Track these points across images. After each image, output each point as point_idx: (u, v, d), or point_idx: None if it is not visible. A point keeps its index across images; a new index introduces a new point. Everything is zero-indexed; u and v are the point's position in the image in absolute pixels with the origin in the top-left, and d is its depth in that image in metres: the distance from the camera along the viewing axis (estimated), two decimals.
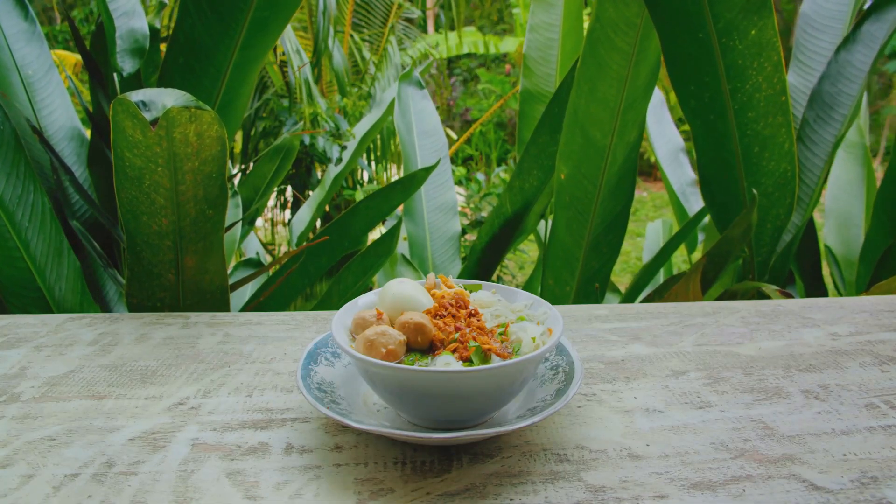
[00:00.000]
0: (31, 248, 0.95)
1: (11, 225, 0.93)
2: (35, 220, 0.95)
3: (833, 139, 1.29)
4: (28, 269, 0.96)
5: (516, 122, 1.90)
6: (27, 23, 1.20)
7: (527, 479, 0.47)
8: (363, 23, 4.17)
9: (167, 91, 0.74)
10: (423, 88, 1.95)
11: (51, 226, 0.97)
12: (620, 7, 1.15)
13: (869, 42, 1.27)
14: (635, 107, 1.23)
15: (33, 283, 0.97)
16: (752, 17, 1.07)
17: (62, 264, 0.99)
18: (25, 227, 0.94)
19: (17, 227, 0.93)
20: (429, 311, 0.53)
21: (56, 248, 0.98)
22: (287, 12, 1.05)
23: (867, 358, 0.65)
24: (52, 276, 0.98)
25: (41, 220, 0.96)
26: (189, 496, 0.45)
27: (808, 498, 0.44)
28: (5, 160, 0.92)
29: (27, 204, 0.94)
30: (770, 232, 1.24)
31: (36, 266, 0.96)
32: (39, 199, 0.95)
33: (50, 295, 0.99)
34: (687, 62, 1.12)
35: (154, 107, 0.72)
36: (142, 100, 0.72)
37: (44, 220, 0.96)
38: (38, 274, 0.97)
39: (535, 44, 1.81)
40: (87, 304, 1.03)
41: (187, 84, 1.07)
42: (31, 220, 0.95)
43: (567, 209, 1.31)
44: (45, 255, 0.97)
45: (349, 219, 1.34)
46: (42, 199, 0.96)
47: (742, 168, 1.18)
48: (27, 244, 0.95)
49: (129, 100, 0.70)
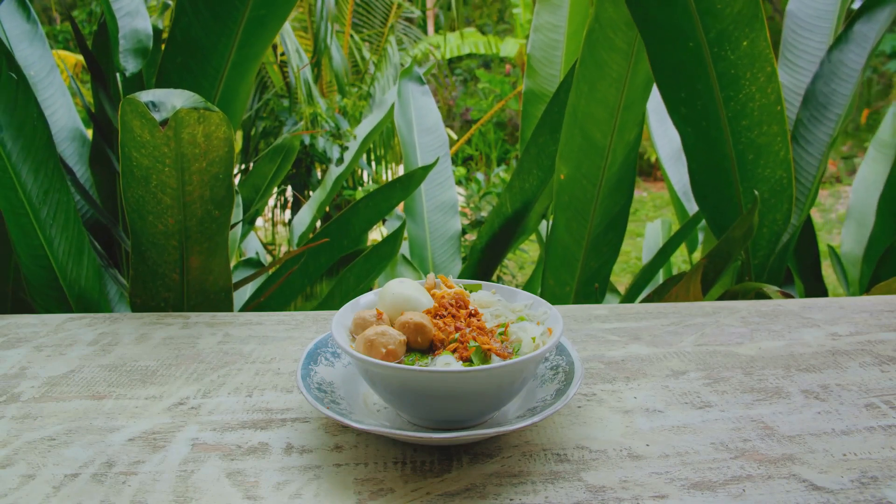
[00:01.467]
0: (53, 246, 0.96)
1: (37, 221, 0.93)
2: (59, 217, 0.96)
3: (828, 139, 1.29)
4: (50, 267, 0.96)
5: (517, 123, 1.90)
6: (29, 24, 1.20)
7: (527, 479, 0.47)
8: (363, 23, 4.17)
9: (177, 92, 0.74)
10: (423, 84, 1.94)
11: (74, 224, 0.97)
12: (620, 7, 1.15)
13: (861, 42, 1.27)
14: (634, 106, 1.23)
15: (55, 282, 0.97)
16: (744, 29, 1.07)
17: (82, 262, 1.00)
18: (50, 224, 0.94)
19: (41, 224, 0.94)
20: (429, 311, 0.53)
21: (77, 247, 0.98)
22: (284, 10, 1.05)
23: (867, 358, 0.65)
24: (72, 274, 0.98)
25: (65, 219, 0.96)
26: (189, 496, 0.45)
27: (808, 498, 0.44)
28: (36, 157, 0.92)
29: (52, 202, 0.94)
30: (767, 236, 1.24)
31: (58, 264, 0.97)
32: (64, 197, 0.96)
33: (70, 292, 0.99)
34: (677, 70, 1.12)
35: (164, 107, 0.72)
36: (151, 100, 0.72)
37: (67, 218, 0.96)
38: (59, 271, 0.97)
39: (539, 44, 1.81)
40: (103, 303, 1.04)
41: (185, 84, 1.07)
42: (56, 218, 0.95)
43: (567, 209, 1.31)
44: (67, 253, 0.97)
45: (349, 218, 1.34)
46: (67, 197, 0.96)
47: (737, 174, 1.18)
48: (50, 242, 0.95)
49: (138, 100, 0.70)
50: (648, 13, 1.07)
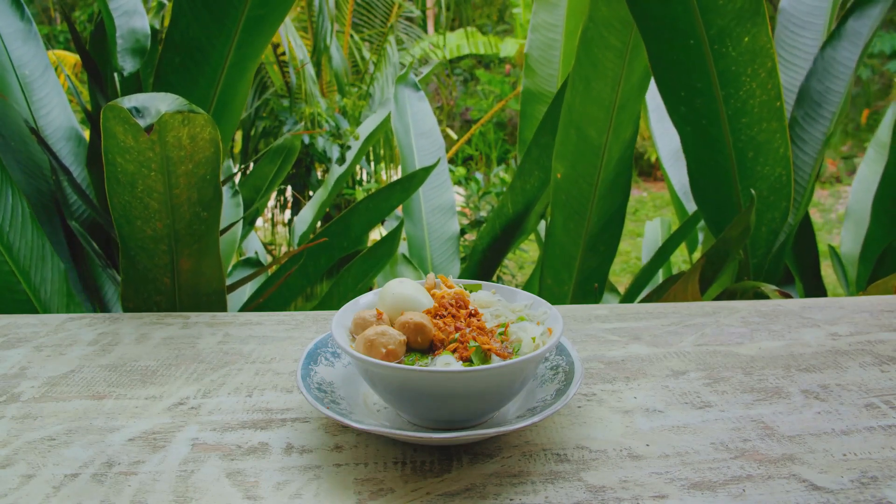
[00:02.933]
0: (13, 252, 0.95)
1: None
2: (15, 223, 0.95)
3: (823, 136, 1.29)
4: (12, 272, 0.96)
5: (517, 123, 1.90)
6: (23, 22, 1.20)
7: (527, 479, 0.47)
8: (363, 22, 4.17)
9: (160, 96, 0.74)
10: (419, 90, 1.95)
11: (32, 229, 0.96)
12: (614, 5, 1.15)
13: (854, 39, 1.27)
14: (630, 105, 1.23)
15: (18, 286, 0.97)
16: (746, 25, 1.06)
17: (45, 268, 0.99)
18: (7, 230, 0.94)
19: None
20: (429, 311, 0.53)
21: (39, 252, 0.98)
22: (282, 10, 1.04)
23: (867, 358, 0.65)
24: (36, 279, 0.98)
25: (21, 224, 0.95)
26: (189, 496, 0.45)
27: (808, 498, 0.44)
28: None
29: (6, 207, 0.94)
30: (765, 235, 1.24)
31: (20, 269, 0.96)
32: (18, 202, 0.95)
33: (36, 298, 0.98)
34: (677, 68, 1.11)
35: (147, 113, 0.71)
36: (135, 106, 0.71)
37: (24, 223, 0.96)
38: (22, 277, 0.96)
39: (538, 44, 1.81)
40: (73, 307, 1.03)
41: (183, 84, 1.06)
42: (12, 224, 0.94)
43: (564, 208, 1.31)
44: (28, 258, 0.97)
45: (348, 219, 1.34)
46: (21, 202, 0.95)
47: (736, 172, 1.18)
48: (10, 247, 0.94)
49: (119, 105, 0.70)
50: (648, 11, 1.07)
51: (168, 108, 0.71)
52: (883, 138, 1.72)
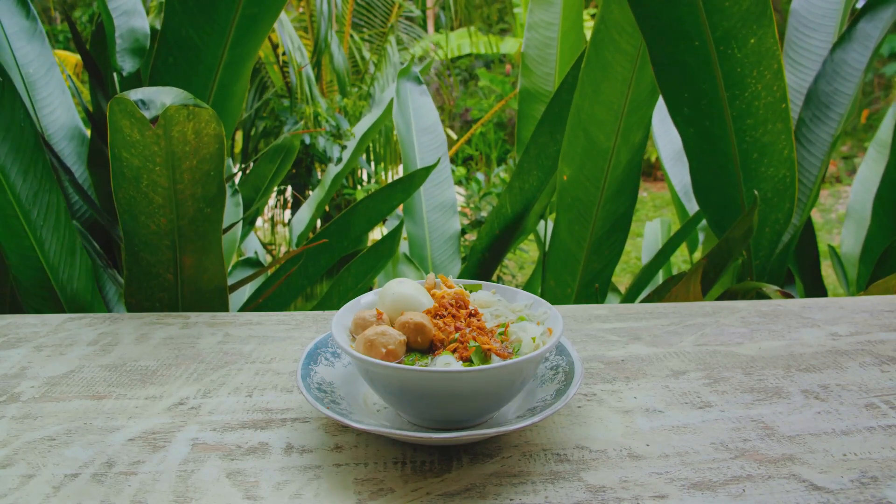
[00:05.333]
0: (45, 247, 0.95)
1: (27, 223, 0.93)
2: (50, 218, 0.95)
3: (830, 138, 1.29)
4: (42, 268, 0.96)
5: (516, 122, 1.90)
6: (28, 21, 1.20)
7: (527, 479, 0.47)
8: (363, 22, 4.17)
9: (165, 89, 0.74)
10: (421, 84, 1.94)
11: (65, 225, 0.97)
12: (625, 9, 1.14)
13: (864, 41, 1.26)
14: (640, 109, 1.22)
15: (47, 282, 0.97)
16: (752, 26, 1.05)
17: (74, 264, 0.99)
18: (40, 225, 0.94)
19: (32, 225, 0.94)
20: (429, 311, 0.53)
21: (69, 248, 0.98)
22: (276, 8, 1.03)
23: (867, 358, 0.65)
24: (64, 276, 0.98)
25: (56, 219, 0.96)
26: (189, 496, 0.45)
27: (808, 498, 0.44)
28: (24, 158, 0.92)
29: (42, 203, 0.94)
30: (769, 236, 1.24)
31: (49, 265, 0.96)
32: (55, 198, 0.95)
33: (63, 293, 0.99)
34: (681, 70, 1.11)
35: (153, 105, 0.71)
36: (140, 98, 0.72)
37: (58, 219, 0.96)
38: (51, 273, 0.97)
39: (534, 42, 1.80)
40: (97, 304, 1.03)
41: (177, 84, 1.06)
42: (46, 220, 0.95)
43: (569, 210, 1.31)
44: (59, 254, 0.97)
45: (349, 219, 1.34)
46: (57, 197, 0.96)
47: (740, 174, 1.18)
48: (41, 243, 0.95)
49: (126, 99, 0.70)
50: (651, 12, 1.06)
51: (173, 100, 0.71)
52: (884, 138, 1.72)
